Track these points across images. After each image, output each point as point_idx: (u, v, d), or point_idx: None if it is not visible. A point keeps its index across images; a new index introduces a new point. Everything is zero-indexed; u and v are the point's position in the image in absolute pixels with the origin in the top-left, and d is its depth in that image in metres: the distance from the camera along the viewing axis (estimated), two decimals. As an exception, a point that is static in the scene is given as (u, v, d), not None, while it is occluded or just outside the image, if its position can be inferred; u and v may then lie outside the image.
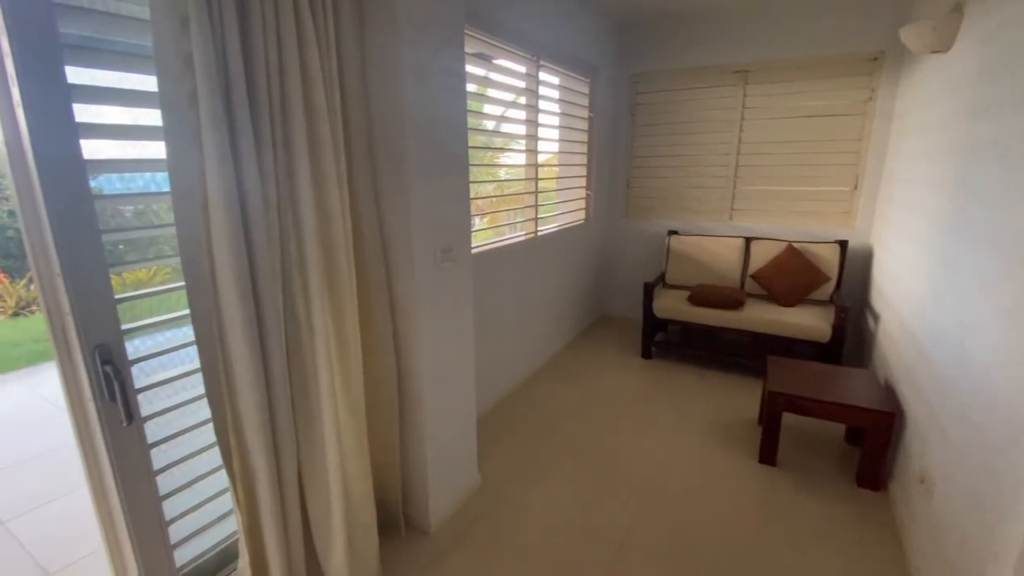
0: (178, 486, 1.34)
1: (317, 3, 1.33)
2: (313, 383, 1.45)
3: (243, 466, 1.33)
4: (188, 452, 1.35)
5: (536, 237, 3.29)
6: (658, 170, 4.11)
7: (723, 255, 3.61)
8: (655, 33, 3.87)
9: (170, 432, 1.30)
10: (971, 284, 1.60)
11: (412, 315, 1.72)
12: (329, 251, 1.45)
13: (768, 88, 3.57)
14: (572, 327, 4.05)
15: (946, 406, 1.66)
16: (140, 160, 1.24)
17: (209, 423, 1.30)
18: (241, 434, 1.31)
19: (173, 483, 1.33)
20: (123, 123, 1.20)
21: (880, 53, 3.19)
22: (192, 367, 1.30)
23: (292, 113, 1.29)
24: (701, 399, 3.03)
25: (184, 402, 1.32)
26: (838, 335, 2.93)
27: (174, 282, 1.31)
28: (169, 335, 1.36)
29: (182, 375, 1.30)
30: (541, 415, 2.86)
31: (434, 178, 1.70)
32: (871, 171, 3.35)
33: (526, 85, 3.01)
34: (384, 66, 1.52)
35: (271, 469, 1.34)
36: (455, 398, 1.99)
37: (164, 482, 1.29)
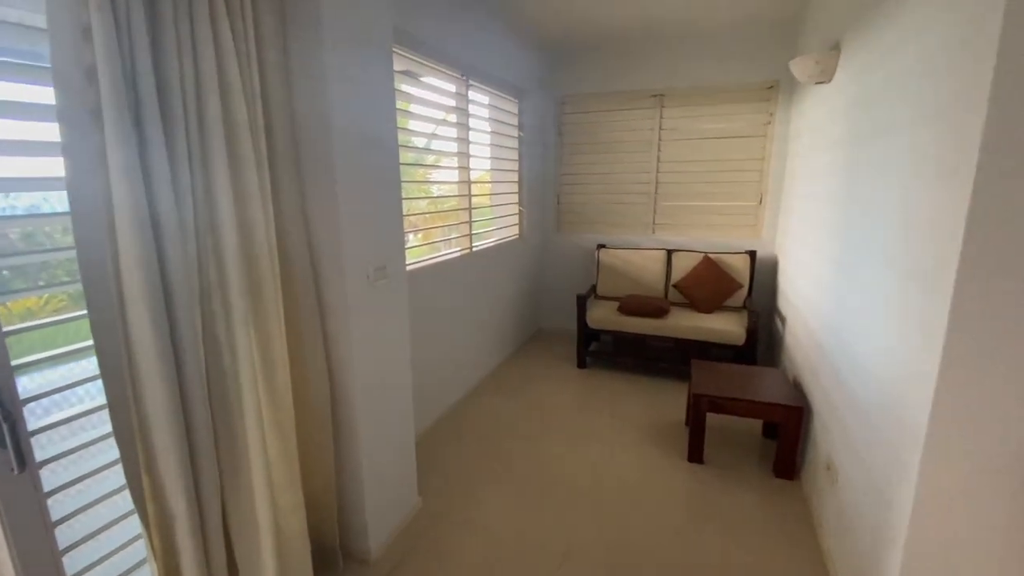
0: (81, 537, 1.20)
1: (236, 14, 1.28)
2: (238, 413, 1.36)
3: (159, 510, 1.22)
4: (93, 498, 1.22)
5: (471, 253, 3.31)
6: (586, 187, 4.29)
7: (648, 267, 3.81)
8: (579, 58, 4.07)
9: (70, 477, 1.17)
10: (858, 288, 1.81)
11: (345, 336, 1.67)
12: (253, 271, 1.38)
13: (682, 111, 3.86)
14: (510, 341, 4.09)
15: (843, 399, 1.85)
16: (27, 179, 1.12)
17: (118, 464, 1.19)
18: (156, 474, 1.20)
19: (75, 534, 1.19)
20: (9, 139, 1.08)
21: (775, 82, 3.56)
22: (96, 403, 1.19)
23: (210, 128, 1.23)
24: (633, 404, 3.16)
25: (87, 443, 1.19)
26: (751, 338, 3.18)
27: (71, 310, 1.19)
28: (65, 370, 1.23)
29: (84, 413, 1.18)
30: (481, 430, 2.85)
31: (365, 194, 1.67)
32: (772, 187, 3.70)
33: (456, 104, 3.05)
34: (310, 80, 1.48)
35: (191, 511, 1.24)
36: (392, 420, 1.94)
37: (64, 534, 1.15)
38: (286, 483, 1.53)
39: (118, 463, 1.19)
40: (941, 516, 1.23)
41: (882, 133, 1.69)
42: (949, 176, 1.17)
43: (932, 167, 1.28)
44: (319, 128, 1.51)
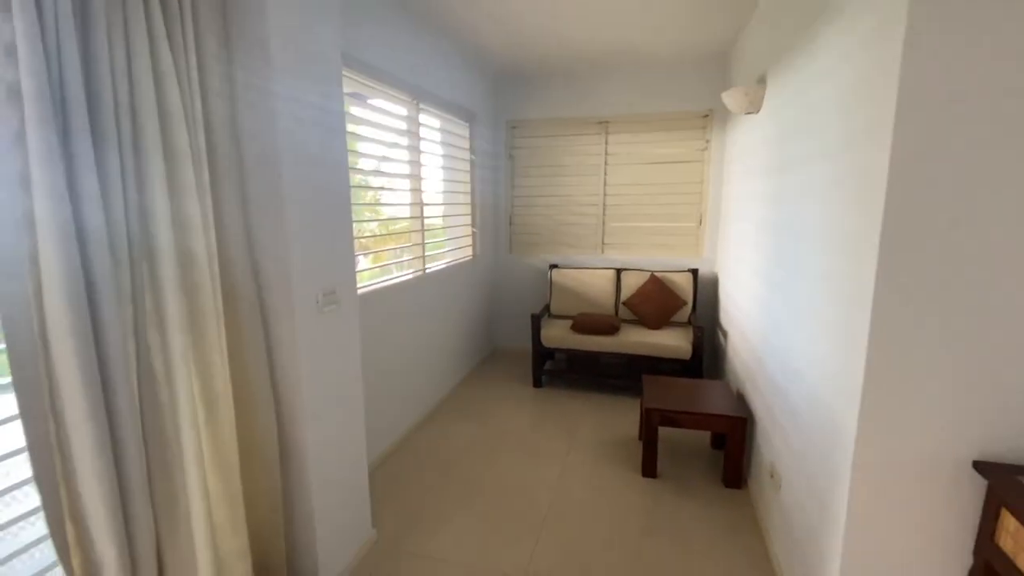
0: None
1: (176, 35, 1.25)
2: (175, 451, 1.28)
3: (85, 559, 1.12)
4: (8, 552, 1.10)
5: (424, 275, 3.29)
6: (537, 208, 4.39)
7: (599, 285, 3.92)
8: (529, 85, 4.20)
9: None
10: (790, 303, 1.95)
11: (293, 365, 1.61)
12: (194, 301, 1.32)
13: (626, 137, 4.04)
14: (466, 363, 4.06)
15: (782, 408, 1.96)
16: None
17: (38, 512, 1.08)
18: (82, 521, 1.10)
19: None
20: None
21: (710, 111, 3.80)
22: (13, 448, 1.08)
23: (148, 153, 1.18)
24: (589, 422, 3.20)
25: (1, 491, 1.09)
26: (697, 352, 3.32)
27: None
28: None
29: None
30: (438, 456, 2.80)
31: (314, 218, 1.64)
32: (711, 209, 3.92)
33: (407, 127, 3.06)
34: (256, 104, 1.46)
35: (122, 560, 1.15)
36: (344, 451, 1.88)
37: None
38: (229, 526, 1.44)
39: (38, 511, 1.08)
40: (874, 521, 1.32)
41: (804, 161, 1.84)
42: (863, 202, 1.29)
43: (848, 194, 1.40)
44: (266, 153, 1.48)
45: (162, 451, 1.26)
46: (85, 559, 1.12)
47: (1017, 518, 1.10)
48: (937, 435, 1.24)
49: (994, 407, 1.20)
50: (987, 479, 1.20)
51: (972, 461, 1.23)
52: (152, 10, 1.17)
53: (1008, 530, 1.13)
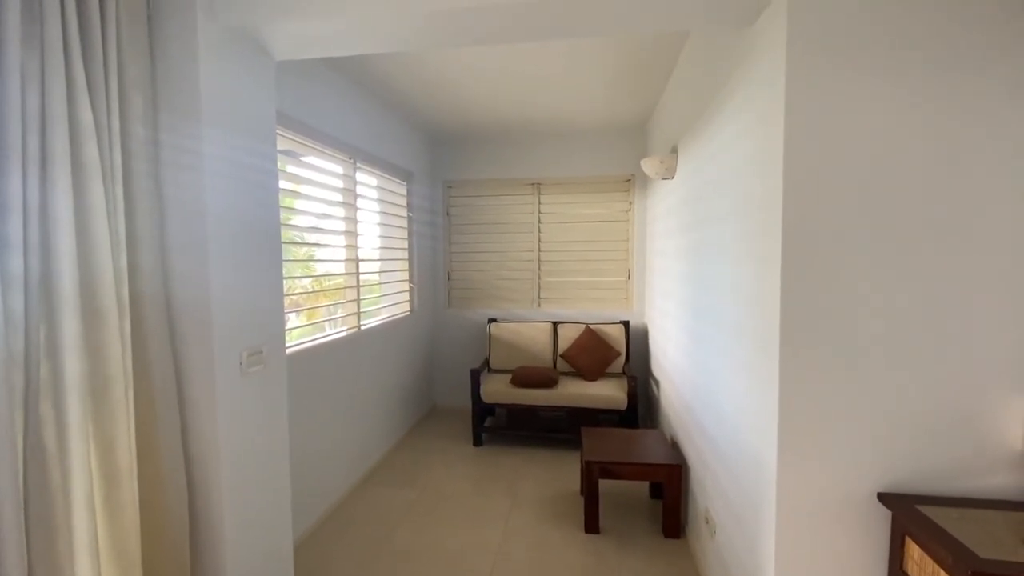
0: None
1: (99, 92, 1.21)
2: (64, 541, 1.12)
3: None
4: None
5: (359, 331, 3.20)
6: (474, 264, 4.46)
7: (536, 338, 3.98)
8: (462, 147, 4.39)
9: None
10: (712, 352, 2.08)
11: (210, 434, 1.49)
12: (98, 365, 1.21)
13: (557, 197, 4.28)
14: (403, 423, 3.90)
15: (712, 453, 2.04)
16: None
17: None
18: None
19: None
20: None
21: (632, 175, 4.13)
22: None
23: (55, 208, 1.11)
24: (530, 479, 3.14)
25: None
26: (632, 402, 3.40)
27: None
28: None
29: None
30: (372, 526, 2.61)
31: (241, 275, 1.58)
32: (637, 264, 4.17)
33: (344, 185, 3.07)
34: (182, 161, 1.42)
35: None
36: (267, 530, 1.72)
37: None
38: (124, 623, 1.25)
39: None
40: (800, 557, 1.38)
41: (713, 221, 2.04)
42: (764, 259, 1.45)
43: (751, 250, 1.57)
44: (190, 210, 1.43)
45: (48, 541, 1.10)
46: None
47: (919, 545, 1.19)
48: (845, 470, 1.35)
49: (892, 440, 1.33)
50: (891, 510, 1.30)
51: (876, 493, 1.34)
52: (74, 69, 1.14)
53: (913, 558, 1.23)
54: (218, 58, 1.47)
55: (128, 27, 1.30)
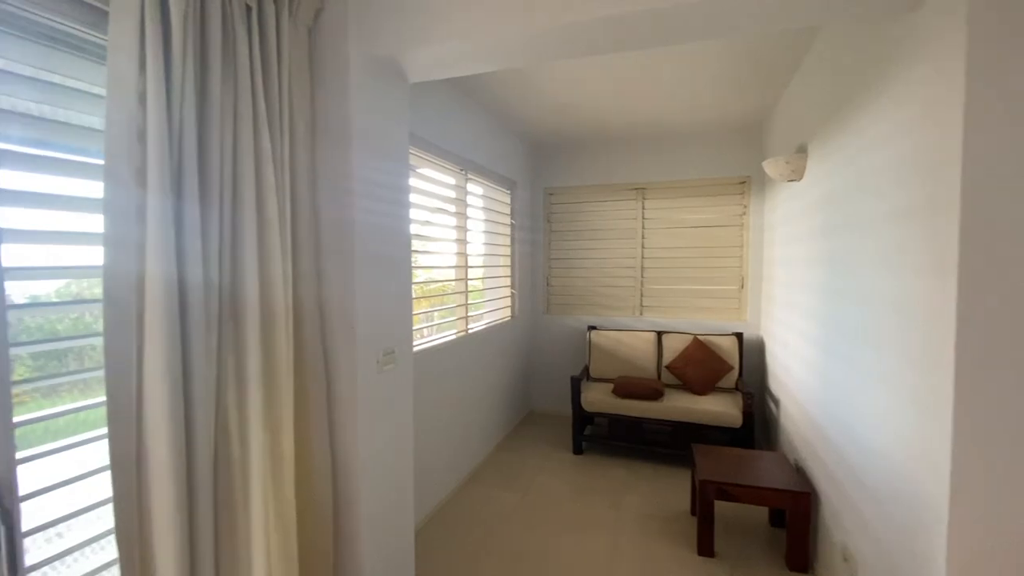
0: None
1: (275, 123, 1.39)
2: (243, 510, 1.29)
3: (151, 622, 1.11)
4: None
5: (467, 335, 3.33)
6: (574, 270, 4.45)
7: (639, 348, 3.87)
8: (563, 154, 4.41)
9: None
10: (853, 372, 1.88)
11: (351, 423, 1.63)
12: (270, 360, 1.37)
13: (662, 203, 4.14)
14: (503, 426, 3.99)
15: (852, 482, 1.84)
16: (59, 268, 1.14)
17: (107, 568, 1.10)
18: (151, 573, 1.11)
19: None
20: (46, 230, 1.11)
21: (747, 178, 3.88)
22: (93, 501, 1.12)
23: (243, 222, 1.29)
24: (634, 492, 3.05)
25: (82, 543, 1.11)
26: (747, 420, 3.18)
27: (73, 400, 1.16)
28: (51, 462, 1.16)
29: (85, 509, 1.10)
30: (479, 522, 2.70)
31: (380, 281, 1.72)
32: (752, 273, 3.90)
33: (455, 195, 3.23)
34: (336, 181, 1.58)
35: (185, 623, 1.13)
36: (394, 513, 1.85)
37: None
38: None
39: (108, 567, 1.10)
40: (975, 609, 1.20)
41: (855, 228, 1.85)
42: (932, 269, 1.28)
43: (911, 260, 1.40)
44: (341, 222, 1.59)
45: (230, 510, 1.27)
46: (151, 620, 1.11)
47: None
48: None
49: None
50: (1108, 571, 1.08)
51: (1087, 549, 1.13)
52: (258, 103, 1.32)
53: None
54: (365, 86, 1.62)
55: (295, 66, 1.48)
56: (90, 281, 1.20)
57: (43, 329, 1.17)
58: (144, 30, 1.07)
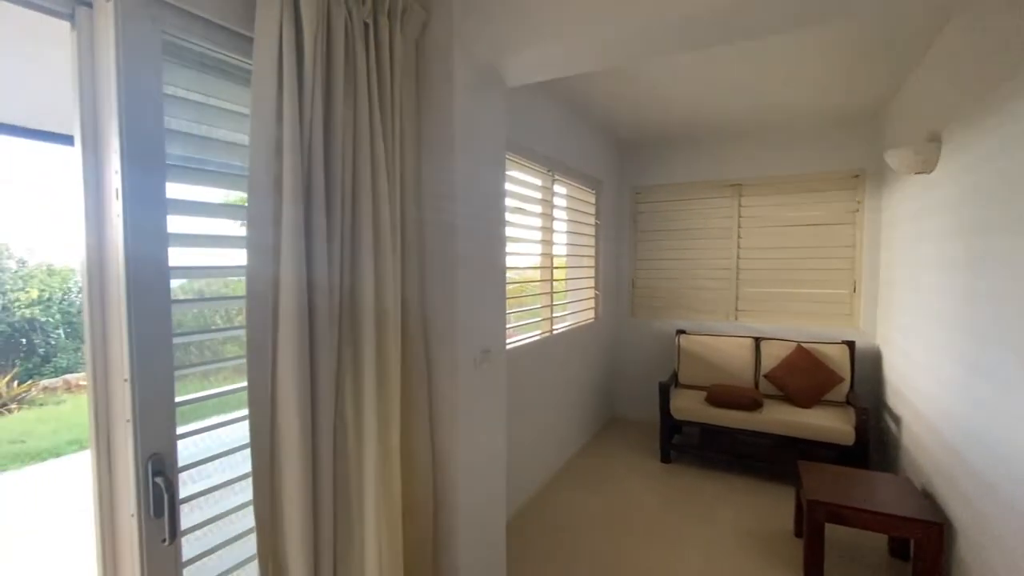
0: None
1: (388, 133, 1.47)
2: (356, 497, 1.39)
3: None
4: (222, 569, 1.24)
5: (551, 335, 3.33)
6: (662, 271, 4.30)
7: (734, 354, 3.65)
8: (651, 152, 4.27)
9: (204, 549, 1.21)
10: (1005, 389, 1.64)
11: (451, 419, 1.69)
12: (381, 356, 1.46)
13: (761, 200, 3.87)
14: (585, 430, 3.95)
15: (1007, 522, 1.60)
16: (213, 267, 1.29)
17: (243, 537, 1.22)
18: (281, 551, 1.22)
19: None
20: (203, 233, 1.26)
21: (861, 171, 3.52)
22: (235, 474, 1.25)
23: (360, 228, 1.38)
24: (730, 507, 2.88)
25: (222, 513, 1.24)
26: (861, 437, 2.89)
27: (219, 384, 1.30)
28: (199, 440, 1.31)
29: (229, 482, 1.24)
30: (565, 526, 2.68)
31: (477, 283, 1.77)
32: (867, 275, 3.53)
33: (542, 196, 3.24)
34: (439, 186, 1.65)
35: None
36: (488, 509, 1.89)
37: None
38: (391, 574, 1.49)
39: (243, 537, 1.22)
40: None
41: (1012, 227, 1.61)
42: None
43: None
44: (443, 226, 1.65)
45: (345, 496, 1.37)
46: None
47: None
48: None
49: None
50: None
51: None
52: (374, 114, 1.41)
53: None
54: (468, 93, 1.67)
55: (404, 77, 1.56)
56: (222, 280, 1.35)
57: (198, 321, 1.33)
58: (282, 53, 1.18)
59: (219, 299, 1.37)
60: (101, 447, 1.13)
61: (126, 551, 1.12)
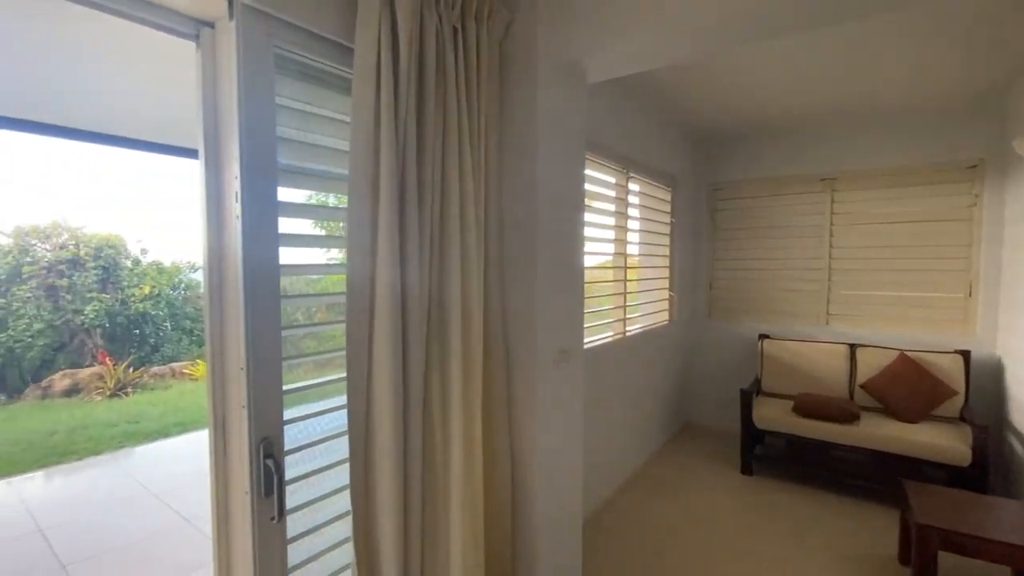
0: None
1: (474, 134, 1.49)
2: (443, 490, 1.42)
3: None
4: (323, 548, 1.32)
5: (624, 337, 3.26)
6: (743, 272, 4.08)
7: (825, 362, 3.39)
8: (731, 146, 4.06)
9: (306, 528, 1.28)
10: None
11: (529, 418, 1.69)
12: (468, 351, 1.48)
13: (858, 195, 3.57)
14: (658, 435, 3.82)
15: None
16: (316, 265, 1.38)
17: (340, 519, 1.29)
18: (376, 552, 1.27)
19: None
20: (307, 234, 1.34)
21: (979, 161, 3.15)
22: (333, 459, 1.32)
23: (448, 228, 1.41)
24: (821, 527, 2.67)
25: (326, 494, 1.32)
26: (979, 458, 2.58)
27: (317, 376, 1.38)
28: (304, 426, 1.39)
29: (330, 466, 1.31)
30: (640, 534, 2.61)
31: (557, 283, 1.76)
32: (986, 277, 3.15)
33: (616, 194, 3.18)
34: (520, 186, 1.65)
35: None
36: (564, 508, 1.88)
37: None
38: (473, 568, 1.52)
39: (339, 519, 1.29)
40: None
41: None
42: None
43: None
44: (524, 226, 1.66)
45: (432, 489, 1.41)
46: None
47: None
48: None
49: None
50: None
51: None
52: (462, 116, 1.44)
53: None
54: (550, 92, 1.67)
55: (489, 79, 1.57)
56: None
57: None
58: (380, 59, 1.23)
59: (321, 296, 1.45)
60: (218, 430, 1.23)
61: (239, 525, 1.21)
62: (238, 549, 1.22)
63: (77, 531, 2.93)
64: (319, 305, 1.66)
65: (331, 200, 1.57)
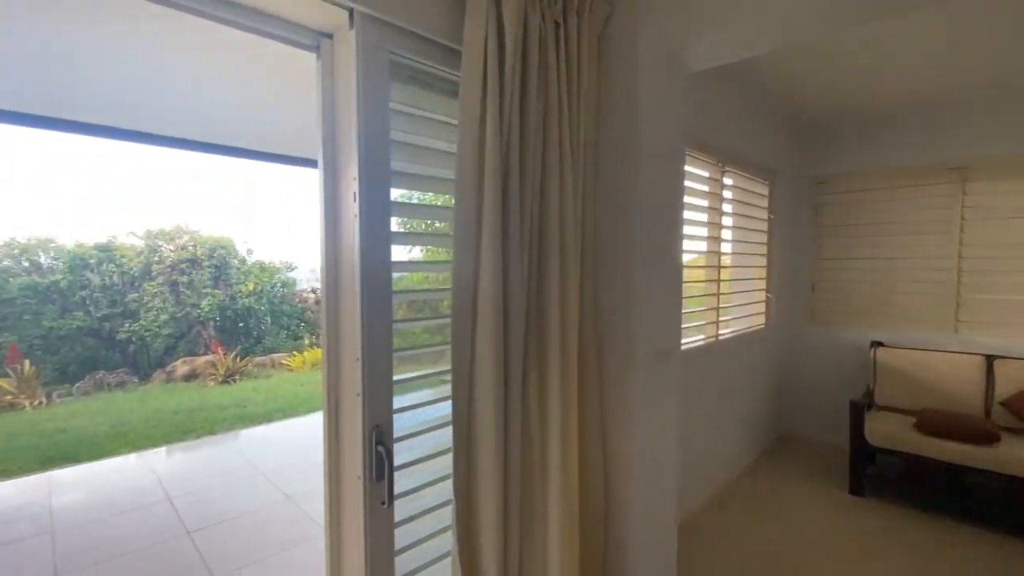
0: (411, 569, 1.33)
1: (573, 131, 1.47)
2: (540, 483, 1.42)
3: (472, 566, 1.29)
4: (425, 534, 1.36)
5: (717, 341, 3.09)
6: (851, 273, 3.72)
7: (954, 374, 3.00)
8: (840, 135, 3.71)
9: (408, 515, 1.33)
10: None
11: (623, 422, 1.64)
12: (565, 348, 1.47)
13: (997, 186, 3.12)
14: (752, 447, 3.59)
15: None
16: (422, 262, 1.42)
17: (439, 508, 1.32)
18: (478, 547, 1.29)
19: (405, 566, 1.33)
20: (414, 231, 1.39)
21: None
22: (434, 449, 1.36)
23: (548, 226, 1.41)
24: (950, 561, 2.36)
25: (429, 482, 1.36)
26: None
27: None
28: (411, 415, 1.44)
29: (429, 456, 1.35)
30: (735, 552, 2.45)
31: (655, 282, 1.69)
32: None
33: (710, 189, 3.02)
34: (618, 183, 1.61)
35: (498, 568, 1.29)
36: (657, 516, 1.80)
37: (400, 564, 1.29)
38: (569, 569, 1.50)
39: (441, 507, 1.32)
40: None
41: None
42: None
43: None
44: (622, 226, 1.61)
45: (528, 481, 1.40)
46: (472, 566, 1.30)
47: None
48: None
49: None
50: None
51: None
52: (562, 113, 1.42)
53: None
54: (650, 84, 1.61)
55: (588, 76, 1.54)
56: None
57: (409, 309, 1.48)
58: (487, 60, 1.25)
59: (428, 291, 1.50)
60: (331, 417, 1.31)
61: (350, 508, 1.28)
62: (349, 531, 1.29)
63: (197, 500, 3.27)
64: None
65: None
